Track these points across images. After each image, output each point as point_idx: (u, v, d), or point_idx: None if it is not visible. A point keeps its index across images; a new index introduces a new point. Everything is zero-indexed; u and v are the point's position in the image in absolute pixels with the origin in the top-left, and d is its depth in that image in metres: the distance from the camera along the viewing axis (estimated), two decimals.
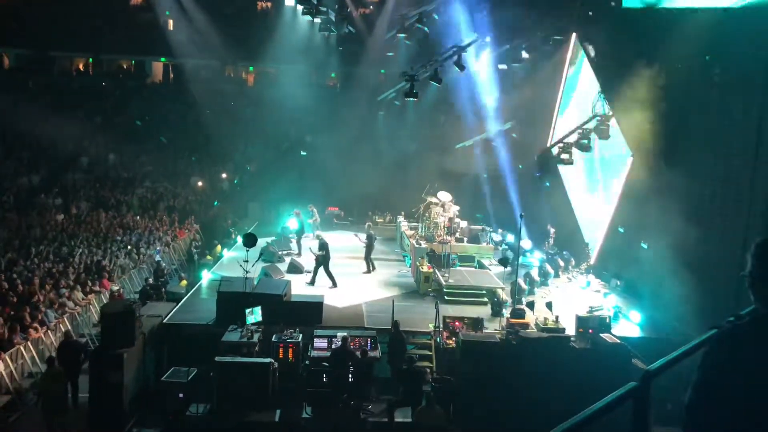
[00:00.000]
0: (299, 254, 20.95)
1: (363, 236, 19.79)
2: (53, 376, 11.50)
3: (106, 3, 32.82)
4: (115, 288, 17.38)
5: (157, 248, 21.38)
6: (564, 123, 23.15)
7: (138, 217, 25.59)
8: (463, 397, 11.91)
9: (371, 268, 19.62)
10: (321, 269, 17.65)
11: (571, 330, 13.85)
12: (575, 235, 21.84)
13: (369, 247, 19.61)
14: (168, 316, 14.46)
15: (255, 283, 15.08)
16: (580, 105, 21.82)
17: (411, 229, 22.67)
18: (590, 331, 13.48)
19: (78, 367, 12.48)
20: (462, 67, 20.98)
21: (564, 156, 20.10)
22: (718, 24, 14.84)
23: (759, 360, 1.95)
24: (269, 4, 35.25)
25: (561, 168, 22.34)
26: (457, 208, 21.68)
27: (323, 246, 17.69)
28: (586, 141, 19.73)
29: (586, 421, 1.79)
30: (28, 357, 13.21)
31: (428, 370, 12.86)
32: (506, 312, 14.92)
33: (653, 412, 2.12)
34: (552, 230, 21.63)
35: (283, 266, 19.21)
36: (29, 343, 13.36)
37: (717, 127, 15.04)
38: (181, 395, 11.71)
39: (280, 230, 23.17)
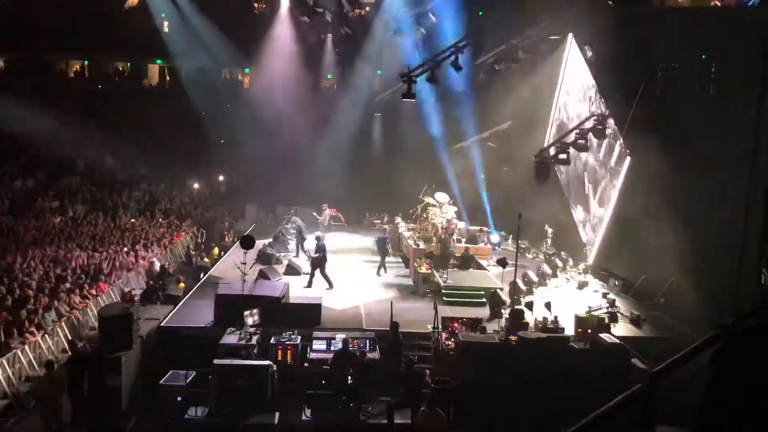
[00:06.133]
0: (297, 256, 20.93)
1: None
2: (52, 380, 11.43)
3: (100, 5, 32.73)
4: (127, 290, 17.38)
5: (154, 251, 21.33)
6: (561, 123, 23.14)
7: (135, 220, 25.53)
8: (463, 398, 11.88)
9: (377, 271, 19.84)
10: (318, 271, 17.63)
11: (570, 330, 13.86)
12: (573, 235, 21.85)
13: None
14: (166, 319, 14.43)
15: (252, 285, 15.04)
16: (578, 105, 21.83)
17: (409, 230, 22.66)
18: (589, 331, 13.50)
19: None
20: (459, 68, 20.95)
21: (561, 156, 20.08)
22: (714, 22, 14.88)
23: None
24: (265, 6, 35.20)
25: (558, 168, 22.33)
26: (455, 209, 21.67)
27: (321, 248, 17.64)
28: (583, 141, 19.73)
29: (594, 423, 1.77)
30: (25, 361, 13.15)
31: (427, 372, 12.82)
32: (505, 312, 14.90)
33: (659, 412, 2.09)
34: (550, 230, 21.62)
35: (281, 268, 19.19)
36: (27, 347, 13.31)
37: (715, 126, 15.06)
38: (179, 399, 11.66)
39: (277, 232, 23.14)
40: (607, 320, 14.32)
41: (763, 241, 13.19)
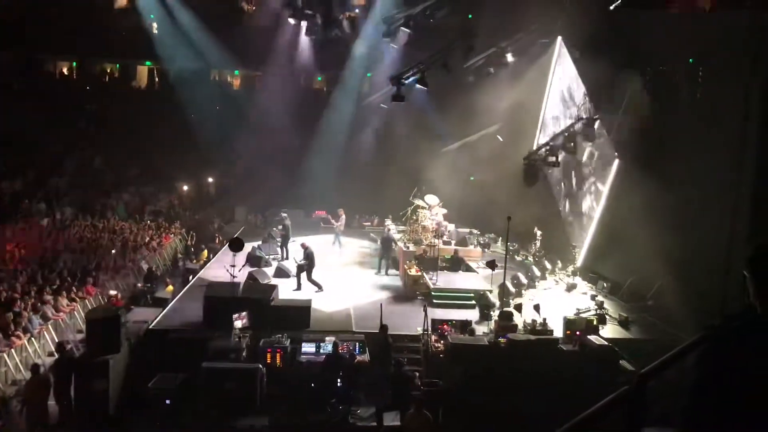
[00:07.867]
0: (285, 258, 20.87)
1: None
2: (38, 383, 11.33)
3: (90, 6, 32.53)
4: (113, 293, 17.25)
5: (144, 253, 21.21)
6: (550, 125, 23.24)
7: (123, 222, 25.37)
8: (452, 400, 11.88)
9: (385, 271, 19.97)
10: (304, 276, 17.62)
11: (559, 332, 13.90)
12: (562, 237, 21.91)
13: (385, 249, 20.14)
14: (154, 322, 14.35)
15: (241, 287, 14.98)
16: (567, 108, 21.92)
17: (399, 232, 22.65)
18: (578, 333, 13.55)
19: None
20: (449, 70, 20.99)
21: (550, 159, 20.16)
22: (702, 26, 15.00)
23: (756, 363, 1.93)
24: (255, 8, 35.11)
25: (547, 170, 22.41)
26: (445, 211, 21.69)
27: (308, 256, 17.66)
28: (572, 144, 19.81)
29: (581, 424, 1.77)
30: (11, 364, 13.02)
31: (416, 374, 12.82)
32: (494, 315, 14.93)
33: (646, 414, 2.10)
34: (539, 233, 21.68)
35: (270, 271, 19.13)
36: (12, 350, 13.18)
37: (702, 129, 15.16)
38: (168, 401, 11.59)
39: (266, 234, 23.08)
40: (595, 322, 14.40)
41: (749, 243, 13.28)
